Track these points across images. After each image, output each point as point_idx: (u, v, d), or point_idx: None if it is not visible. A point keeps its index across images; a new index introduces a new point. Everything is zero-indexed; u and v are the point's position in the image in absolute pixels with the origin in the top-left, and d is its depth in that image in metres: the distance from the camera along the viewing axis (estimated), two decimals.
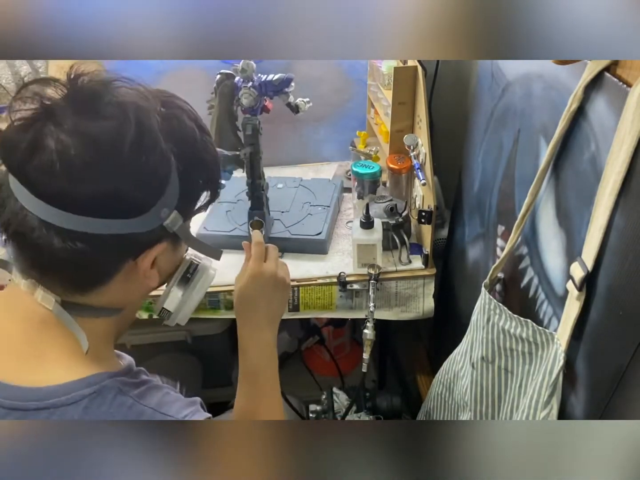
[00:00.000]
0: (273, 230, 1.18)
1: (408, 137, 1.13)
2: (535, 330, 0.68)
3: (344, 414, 1.14)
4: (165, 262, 0.59)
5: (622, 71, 0.53)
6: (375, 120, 1.37)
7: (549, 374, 0.63)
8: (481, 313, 0.78)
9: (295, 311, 1.15)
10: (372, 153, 1.30)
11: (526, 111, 0.76)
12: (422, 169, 1.08)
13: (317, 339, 1.56)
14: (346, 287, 1.10)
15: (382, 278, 1.10)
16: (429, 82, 1.27)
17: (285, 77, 1.04)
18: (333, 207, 1.25)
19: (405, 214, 1.15)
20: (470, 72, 1.26)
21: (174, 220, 0.54)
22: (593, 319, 0.58)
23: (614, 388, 0.56)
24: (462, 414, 0.89)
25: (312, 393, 1.42)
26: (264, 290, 0.73)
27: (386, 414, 1.16)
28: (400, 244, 1.13)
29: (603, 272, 0.56)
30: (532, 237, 0.74)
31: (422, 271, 1.13)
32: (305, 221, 1.20)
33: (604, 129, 0.56)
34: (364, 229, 1.07)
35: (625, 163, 0.50)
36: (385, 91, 1.19)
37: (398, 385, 1.61)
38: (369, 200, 1.17)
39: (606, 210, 0.53)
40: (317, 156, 1.51)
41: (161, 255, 0.57)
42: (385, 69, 1.16)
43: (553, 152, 0.65)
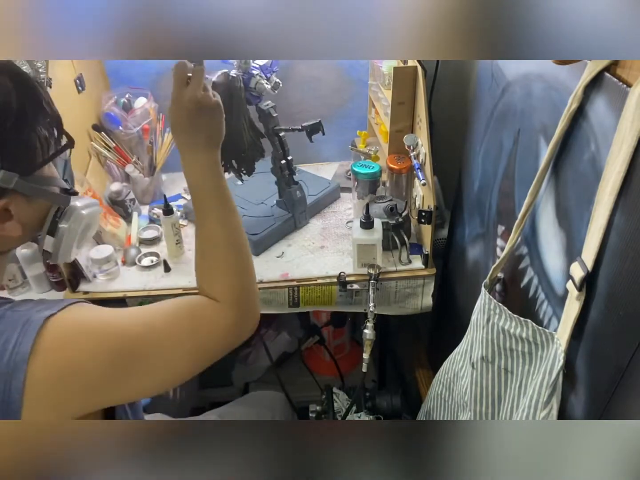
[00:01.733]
0: None
1: (408, 137, 1.13)
2: (535, 330, 0.68)
3: (344, 414, 1.14)
4: (23, 212, 0.61)
5: (622, 71, 0.53)
6: (375, 120, 1.37)
7: (549, 374, 0.63)
8: (481, 313, 0.78)
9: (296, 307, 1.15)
10: (372, 153, 1.30)
11: (526, 111, 0.76)
12: (422, 169, 1.09)
13: (317, 339, 1.56)
14: (346, 287, 1.10)
15: (382, 278, 1.10)
16: (429, 82, 1.27)
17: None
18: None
19: (405, 214, 1.15)
20: (470, 72, 1.26)
21: (4, 179, 0.56)
22: (593, 319, 0.58)
23: (614, 388, 0.56)
24: (462, 414, 0.89)
25: (312, 393, 1.42)
26: (190, 115, 0.72)
27: (386, 414, 1.16)
28: (400, 244, 1.13)
29: (603, 272, 0.56)
30: (532, 237, 0.74)
31: (422, 271, 1.13)
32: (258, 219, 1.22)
33: (604, 129, 0.56)
34: (364, 229, 1.07)
35: (625, 163, 0.50)
36: (386, 91, 1.19)
37: (398, 385, 1.62)
38: (369, 200, 1.17)
39: (606, 210, 0.53)
40: (317, 156, 1.51)
41: (14, 208, 0.59)
42: (386, 69, 1.16)
43: (553, 152, 0.65)
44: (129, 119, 1.32)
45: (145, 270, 1.16)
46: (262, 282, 1.12)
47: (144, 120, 1.33)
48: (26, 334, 0.53)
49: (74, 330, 0.56)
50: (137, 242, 1.25)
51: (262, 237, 1.18)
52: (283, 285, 1.12)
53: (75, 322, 0.57)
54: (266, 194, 1.30)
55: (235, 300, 0.69)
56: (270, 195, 1.30)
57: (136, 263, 1.18)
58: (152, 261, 1.18)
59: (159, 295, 1.11)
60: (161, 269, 1.16)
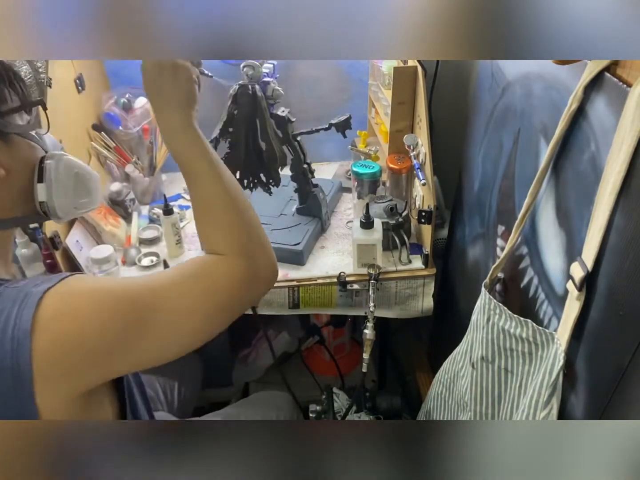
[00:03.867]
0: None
1: (408, 137, 1.13)
2: (535, 330, 0.68)
3: (344, 414, 1.14)
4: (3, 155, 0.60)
5: (622, 71, 0.53)
6: (375, 120, 1.37)
7: (549, 373, 0.63)
8: (481, 313, 0.78)
9: (296, 308, 1.15)
10: (371, 153, 1.30)
11: (526, 111, 0.76)
12: (422, 169, 1.09)
13: (317, 339, 1.56)
14: (346, 287, 1.10)
15: (382, 278, 1.10)
16: (429, 82, 1.27)
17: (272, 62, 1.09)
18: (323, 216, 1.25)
19: (405, 214, 1.15)
20: (470, 72, 1.26)
21: None
22: (593, 319, 0.58)
23: (614, 388, 0.56)
24: (462, 414, 0.89)
25: (312, 393, 1.42)
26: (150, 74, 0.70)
27: (386, 414, 1.16)
28: (400, 244, 1.13)
29: (603, 272, 0.56)
30: (532, 237, 0.74)
31: (422, 271, 1.13)
32: (292, 229, 1.21)
33: (604, 129, 0.56)
34: (364, 229, 1.07)
35: (625, 163, 0.50)
36: (386, 91, 1.19)
37: (398, 385, 1.62)
38: (369, 200, 1.17)
39: (606, 210, 0.53)
40: (317, 156, 1.51)
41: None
42: (386, 69, 1.16)
43: (553, 152, 0.65)
44: (129, 119, 1.32)
45: (145, 270, 1.16)
46: None
47: (144, 120, 1.33)
48: (25, 307, 0.52)
49: (75, 299, 0.55)
50: (137, 242, 1.25)
51: (305, 245, 1.16)
52: (283, 285, 1.12)
53: (76, 291, 0.55)
54: (280, 204, 1.29)
55: (243, 250, 0.67)
56: (284, 206, 1.28)
57: (136, 263, 1.18)
58: (152, 261, 1.18)
59: None
60: (161, 269, 1.16)
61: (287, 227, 1.21)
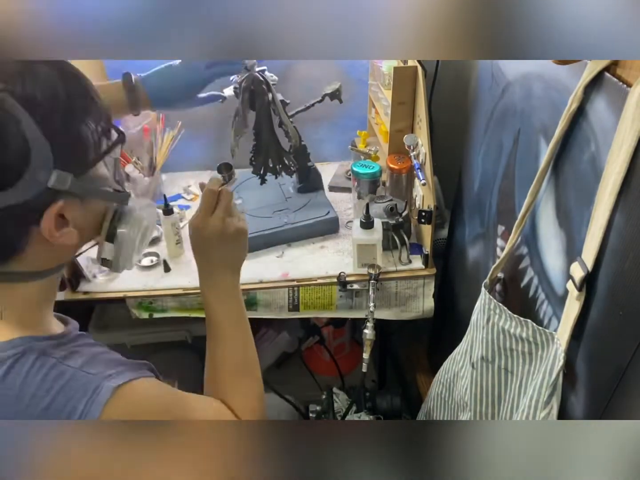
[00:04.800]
0: (282, 221, 1.22)
1: (408, 137, 1.13)
2: (535, 330, 0.68)
3: (344, 414, 1.14)
4: (79, 217, 0.58)
5: (622, 71, 0.53)
6: (375, 120, 1.37)
7: (549, 373, 0.63)
8: (481, 313, 0.78)
9: (295, 311, 1.15)
10: (372, 153, 1.30)
11: (526, 111, 0.76)
12: (422, 169, 1.09)
13: (317, 339, 1.56)
14: (346, 287, 1.10)
15: (382, 278, 1.10)
16: (429, 82, 1.27)
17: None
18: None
19: (405, 214, 1.15)
20: (470, 72, 1.26)
21: (59, 179, 0.53)
22: (593, 319, 0.58)
23: (614, 388, 0.56)
24: (462, 414, 0.89)
25: (312, 393, 1.42)
26: (211, 242, 0.71)
27: (386, 414, 1.16)
28: (400, 244, 1.13)
29: (603, 272, 0.56)
30: (532, 237, 0.74)
31: (422, 271, 1.13)
32: (309, 205, 1.26)
33: (604, 129, 0.56)
34: (364, 229, 1.07)
35: (625, 163, 0.50)
36: (386, 91, 1.19)
37: (398, 385, 1.61)
38: (369, 200, 1.17)
39: (606, 210, 0.53)
40: (317, 156, 1.51)
41: (69, 212, 0.56)
42: (386, 69, 1.16)
43: (553, 152, 0.65)
44: (129, 119, 1.31)
45: (145, 270, 1.16)
46: (261, 282, 1.12)
47: (144, 120, 1.33)
48: (94, 403, 0.53)
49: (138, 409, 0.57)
50: None
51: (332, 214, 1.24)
52: (283, 285, 1.12)
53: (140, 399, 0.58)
54: (277, 190, 1.33)
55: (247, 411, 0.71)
56: (283, 190, 1.33)
57: (136, 263, 1.18)
58: (152, 261, 1.18)
59: (159, 295, 1.11)
60: (161, 269, 1.16)
61: (304, 204, 1.27)
